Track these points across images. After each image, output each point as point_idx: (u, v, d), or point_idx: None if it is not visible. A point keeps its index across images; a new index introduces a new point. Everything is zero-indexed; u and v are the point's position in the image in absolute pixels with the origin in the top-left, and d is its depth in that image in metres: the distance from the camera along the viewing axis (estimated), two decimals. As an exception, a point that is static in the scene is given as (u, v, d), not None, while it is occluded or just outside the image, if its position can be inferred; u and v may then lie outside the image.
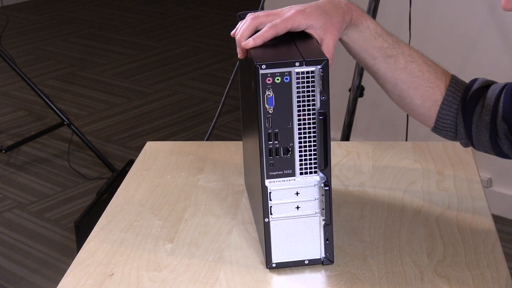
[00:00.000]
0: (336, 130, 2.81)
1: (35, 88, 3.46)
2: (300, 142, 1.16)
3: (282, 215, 1.19)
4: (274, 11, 1.24)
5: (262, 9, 2.25)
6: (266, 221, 1.19)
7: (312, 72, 1.13)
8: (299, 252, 1.21)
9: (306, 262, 1.22)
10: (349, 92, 2.61)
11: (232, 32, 1.25)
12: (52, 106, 3.45)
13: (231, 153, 1.61)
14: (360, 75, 2.58)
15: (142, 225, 1.36)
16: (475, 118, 1.32)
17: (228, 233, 1.33)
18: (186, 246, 1.29)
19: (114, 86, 4.49)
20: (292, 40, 1.20)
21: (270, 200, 1.18)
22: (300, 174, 1.18)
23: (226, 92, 1.99)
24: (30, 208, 3.22)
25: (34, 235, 3.03)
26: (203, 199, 1.44)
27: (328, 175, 1.18)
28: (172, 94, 4.34)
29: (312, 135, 1.16)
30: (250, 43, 1.19)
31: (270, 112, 1.14)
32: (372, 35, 1.29)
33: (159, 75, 4.63)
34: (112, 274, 1.23)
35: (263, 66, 1.12)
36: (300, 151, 1.16)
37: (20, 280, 2.75)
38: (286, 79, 1.13)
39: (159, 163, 1.58)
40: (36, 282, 2.74)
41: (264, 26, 1.21)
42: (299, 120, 1.15)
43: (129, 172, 1.55)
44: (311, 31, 1.22)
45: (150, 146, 1.65)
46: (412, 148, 1.61)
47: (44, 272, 2.80)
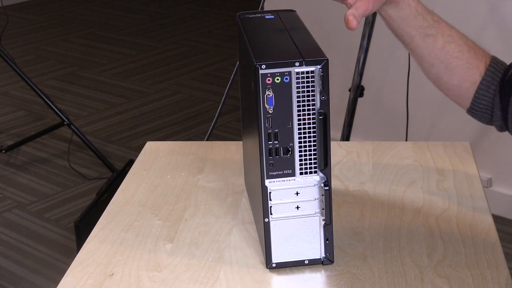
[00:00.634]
0: (336, 130, 2.81)
1: (35, 88, 3.46)
2: (300, 142, 1.16)
3: (282, 215, 1.19)
4: None
5: (262, 8, 2.25)
6: (266, 221, 1.19)
7: (312, 72, 1.13)
8: (299, 252, 1.21)
9: (306, 262, 1.22)
10: (349, 92, 2.62)
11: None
12: (52, 106, 3.45)
13: (231, 153, 1.61)
14: (360, 75, 2.58)
15: (142, 225, 1.36)
16: None
17: (228, 233, 1.33)
18: (186, 246, 1.29)
19: (114, 86, 4.49)
20: (292, 40, 1.20)
21: (270, 200, 1.18)
22: (300, 174, 1.18)
23: (226, 92, 1.99)
24: (30, 208, 3.22)
25: (34, 235, 3.03)
26: (203, 199, 1.44)
27: (328, 175, 1.18)
28: (172, 94, 4.34)
29: (312, 135, 1.16)
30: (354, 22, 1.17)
31: (270, 112, 1.14)
32: (412, 13, 1.26)
33: (159, 75, 4.63)
34: (112, 274, 1.23)
35: (263, 66, 1.12)
36: (300, 151, 1.16)
37: (20, 280, 2.75)
38: (286, 79, 1.13)
39: (159, 163, 1.58)
40: (36, 282, 2.74)
41: None
42: (299, 120, 1.15)
43: (129, 172, 1.55)
44: None
45: (150, 146, 1.65)
46: (412, 148, 1.61)
47: (44, 272, 2.80)
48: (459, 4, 2.86)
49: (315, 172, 1.18)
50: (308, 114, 1.15)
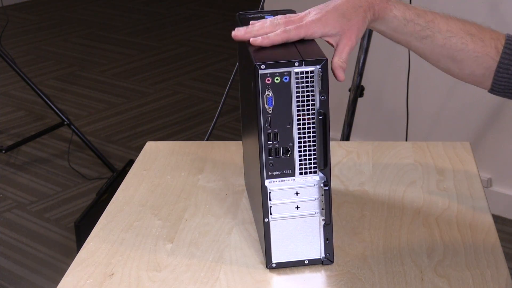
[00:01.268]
0: (336, 130, 2.81)
1: (35, 88, 3.47)
2: (299, 142, 1.16)
3: (282, 215, 1.19)
4: (295, 15, 1.21)
5: (262, 9, 2.25)
6: (266, 221, 1.19)
7: (312, 72, 1.13)
8: (299, 252, 1.21)
9: (306, 262, 1.22)
10: (349, 92, 2.62)
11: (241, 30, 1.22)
12: (52, 106, 3.45)
13: (231, 153, 1.61)
14: (360, 75, 2.58)
15: (142, 225, 1.36)
16: None
17: (228, 233, 1.33)
18: (186, 246, 1.29)
19: (114, 86, 4.49)
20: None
21: (270, 200, 1.18)
22: (300, 174, 1.18)
23: (226, 92, 1.99)
24: (30, 208, 3.22)
25: (34, 235, 3.03)
26: (203, 199, 1.44)
27: (328, 175, 1.18)
28: (172, 94, 4.34)
29: (311, 135, 1.16)
30: (258, 41, 1.17)
31: (270, 112, 1.14)
32: (401, 23, 1.24)
33: (159, 75, 4.63)
34: (112, 274, 1.23)
35: (263, 66, 1.12)
36: (299, 151, 1.16)
37: (20, 280, 2.75)
38: (286, 79, 1.13)
39: (159, 163, 1.58)
40: (36, 282, 2.74)
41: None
42: (299, 120, 1.15)
43: (129, 172, 1.55)
44: (327, 39, 1.19)
45: (150, 146, 1.65)
46: (412, 148, 1.61)
47: (44, 272, 2.80)
48: (459, 4, 2.86)
49: (315, 172, 1.18)
50: (308, 114, 1.15)
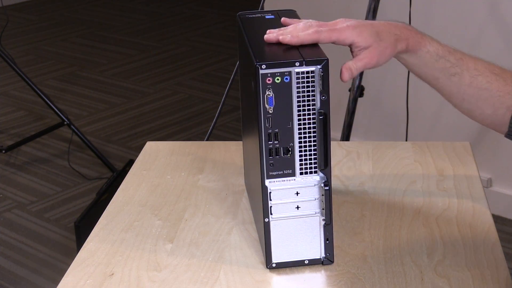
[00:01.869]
0: (336, 130, 2.81)
1: (35, 88, 3.46)
2: (300, 142, 1.16)
3: (282, 215, 1.19)
4: (329, 22, 1.20)
5: (262, 8, 2.25)
6: (266, 221, 1.19)
7: (312, 72, 1.13)
8: (299, 252, 1.21)
9: (306, 262, 1.22)
10: (349, 92, 2.62)
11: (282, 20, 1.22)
12: (52, 106, 3.45)
13: (231, 153, 1.61)
14: (360, 75, 2.58)
15: (142, 225, 1.36)
16: None
17: (228, 233, 1.33)
18: (186, 246, 1.29)
19: (114, 86, 4.49)
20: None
21: (270, 200, 1.18)
22: (300, 174, 1.18)
23: (226, 92, 1.99)
24: (30, 208, 3.22)
25: (34, 235, 3.03)
26: (203, 199, 1.44)
27: (328, 175, 1.18)
28: (172, 94, 4.34)
29: (312, 135, 1.16)
30: (287, 38, 1.16)
31: (270, 112, 1.14)
32: (433, 58, 1.23)
33: (159, 75, 4.63)
34: (112, 274, 1.23)
35: (263, 66, 1.12)
36: (300, 151, 1.16)
37: (20, 280, 2.75)
38: (286, 79, 1.13)
39: (159, 163, 1.58)
40: (36, 282, 2.74)
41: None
42: (299, 120, 1.15)
43: (129, 172, 1.55)
44: (354, 49, 1.19)
45: (150, 146, 1.65)
46: (412, 148, 1.61)
47: (44, 272, 2.79)
48: (459, 4, 2.86)
49: (315, 172, 1.18)
50: (308, 114, 1.15)
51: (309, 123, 1.15)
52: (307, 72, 1.13)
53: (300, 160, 1.17)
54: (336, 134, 2.76)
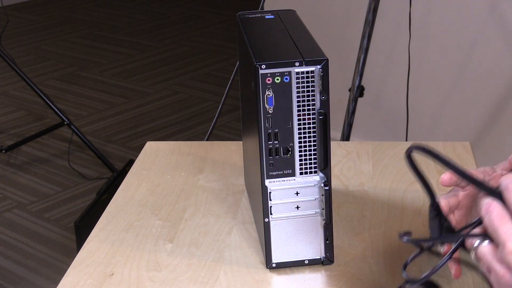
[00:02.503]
0: (336, 130, 2.81)
1: (35, 88, 3.47)
2: (300, 142, 1.16)
3: (282, 215, 1.19)
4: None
5: (262, 9, 2.25)
6: (266, 221, 1.19)
7: (312, 72, 1.13)
8: (299, 252, 1.21)
9: (306, 262, 1.22)
10: (349, 92, 2.62)
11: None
12: (52, 106, 3.46)
13: (231, 153, 1.61)
14: (360, 75, 2.58)
15: (142, 225, 1.36)
16: None
17: (228, 233, 1.33)
18: (186, 246, 1.29)
19: (114, 86, 4.49)
20: (292, 40, 1.20)
21: (270, 200, 1.18)
22: (300, 174, 1.18)
23: (226, 92, 1.99)
24: (30, 208, 3.22)
25: (34, 235, 3.03)
26: (203, 199, 1.44)
27: (328, 175, 1.18)
28: (172, 94, 4.34)
29: (312, 135, 1.16)
30: None
31: (270, 112, 1.14)
32: None
33: (159, 75, 4.63)
34: (112, 274, 1.23)
35: (263, 66, 1.12)
36: (300, 151, 1.16)
37: (20, 280, 2.75)
38: (286, 79, 1.13)
39: (159, 163, 1.58)
40: (36, 282, 2.74)
41: None
42: (299, 120, 1.15)
43: (129, 172, 1.55)
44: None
45: (150, 146, 1.65)
46: (412, 148, 1.60)
47: (44, 272, 2.80)
48: (459, 4, 2.86)
49: (315, 172, 1.18)
50: (308, 114, 1.15)
51: (309, 123, 1.15)
52: (307, 72, 1.13)
53: (300, 160, 1.17)
54: (336, 134, 2.76)
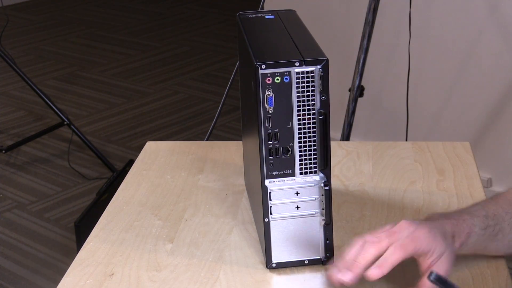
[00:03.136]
0: (336, 130, 2.81)
1: (35, 88, 3.47)
2: (300, 142, 1.16)
3: (282, 215, 1.19)
4: (390, 230, 1.08)
5: (262, 8, 2.25)
6: (266, 221, 1.19)
7: (312, 72, 1.13)
8: (299, 252, 1.21)
9: (306, 262, 1.22)
10: (349, 92, 2.62)
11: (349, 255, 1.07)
12: (52, 106, 3.46)
13: (231, 153, 1.61)
14: (360, 75, 2.58)
15: (142, 225, 1.36)
16: None
17: (228, 233, 1.33)
18: (186, 246, 1.29)
19: (114, 86, 4.49)
20: (292, 40, 1.20)
21: (270, 200, 1.18)
22: (300, 174, 1.18)
23: (226, 92, 1.99)
24: (30, 208, 3.22)
25: (34, 235, 3.03)
26: (203, 199, 1.44)
27: (328, 175, 1.17)
28: (172, 94, 4.34)
29: (312, 135, 1.16)
30: (376, 273, 1.03)
31: (270, 112, 1.14)
32: (480, 237, 1.15)
33: (159, 75, 4.63)
34: (112, 274, 1.23)
35: (263, 66, 1.12)
36: (300, 151, 1.16)
37: (20, 280, 2.75)
38: (286, 79, 1.13)
39: (159, 163, 1.58)
40: (36, 282, 2.74)
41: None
42: (299, 120, 1.15)
43: (129, 172, 1.55)
44: (425, 259, 1.08)
45: (150, 146, 1.65)
46: (412, 148, 1.61)
47: (44, 272, 2.80)
48: (459, 4, 2.86)
49: (315, 172, 1.18)
50: (308, 114, 1.15)
51: (309, 123, 1.15)
52: (307, 72, 1.13)
53: (300, 160, 1.17)
54: (336, 134, 2.76)
